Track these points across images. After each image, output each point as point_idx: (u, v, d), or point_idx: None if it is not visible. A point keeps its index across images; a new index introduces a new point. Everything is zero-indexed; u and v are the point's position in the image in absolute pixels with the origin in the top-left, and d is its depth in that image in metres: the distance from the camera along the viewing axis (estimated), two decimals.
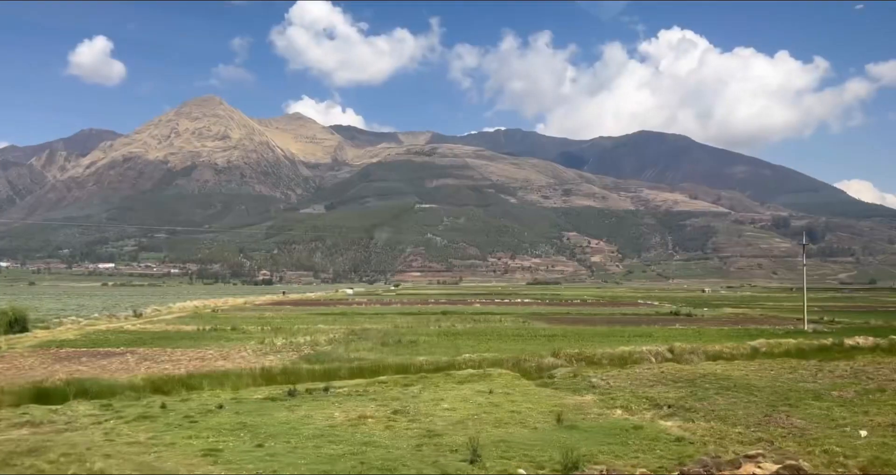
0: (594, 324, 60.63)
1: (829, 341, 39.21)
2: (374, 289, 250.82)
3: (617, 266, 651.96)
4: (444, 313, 74.85)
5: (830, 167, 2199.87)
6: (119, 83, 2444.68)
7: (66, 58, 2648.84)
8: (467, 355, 33.45)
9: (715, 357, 35.14)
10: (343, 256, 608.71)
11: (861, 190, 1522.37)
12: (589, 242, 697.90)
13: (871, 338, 39.85)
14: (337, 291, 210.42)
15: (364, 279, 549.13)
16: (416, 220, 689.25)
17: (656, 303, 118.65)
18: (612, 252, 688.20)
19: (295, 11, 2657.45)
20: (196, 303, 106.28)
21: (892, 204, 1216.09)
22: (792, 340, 39.68)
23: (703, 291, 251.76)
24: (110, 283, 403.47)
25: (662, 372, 29.65)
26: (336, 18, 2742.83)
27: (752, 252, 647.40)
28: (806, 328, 49.21)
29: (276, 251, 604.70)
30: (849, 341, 39.09)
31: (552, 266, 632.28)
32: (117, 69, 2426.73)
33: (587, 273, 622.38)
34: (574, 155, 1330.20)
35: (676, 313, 73.00)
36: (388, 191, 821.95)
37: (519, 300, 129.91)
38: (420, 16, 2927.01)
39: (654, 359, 34.01)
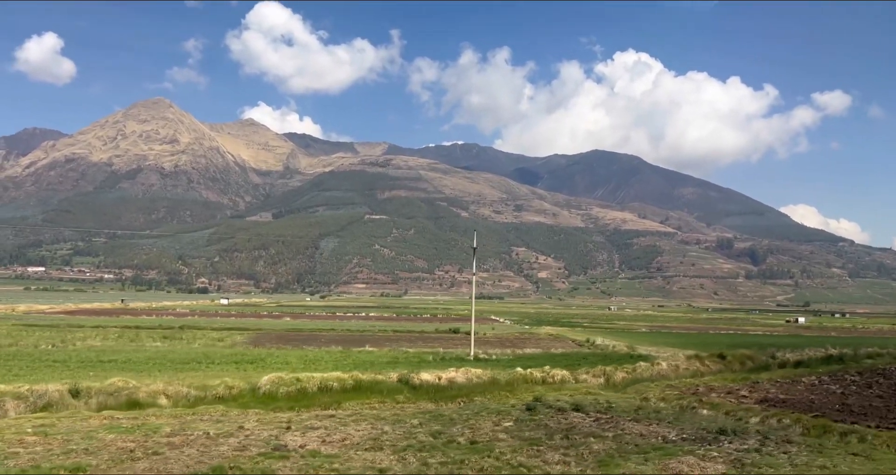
0: (321, 345, 50.19)
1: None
2: (274, 301, 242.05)
3: (563, 282, 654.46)
4: (181, 327, 65.93)
5: (777, 191, 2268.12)
6: (68, 82, 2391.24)
7: (13, 54, 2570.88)
8: None
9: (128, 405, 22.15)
10: (286, 266, 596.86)
11: (806, 215, 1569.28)
12: (537, 258, 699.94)
13: (535, 371, 30.78)
14: (213, 301, 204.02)
15: (307, 290, 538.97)
16: (364, 231, 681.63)
17: (502, 319, 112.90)
18: (560, 268, 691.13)
19: (252, 16, 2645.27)
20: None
21: (834, 230, 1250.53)
22: (392, 374, 28.83)
23: (609, 309, 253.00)
24: (32, 287, 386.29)
25: None
26: (295, 25, 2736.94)
27: (695, 272, 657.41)
28: (471, 355, 40.47)
29: (217, 259, 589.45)
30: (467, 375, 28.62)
31: (499, 281, 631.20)
32: (67, 67, 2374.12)
33: (533, 289, 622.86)
34: (529, 171, 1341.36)
35: (455, 331, 66.90)
36: (338, 201, 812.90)
37: (363, 314, 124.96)
38: (381, 27, 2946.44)
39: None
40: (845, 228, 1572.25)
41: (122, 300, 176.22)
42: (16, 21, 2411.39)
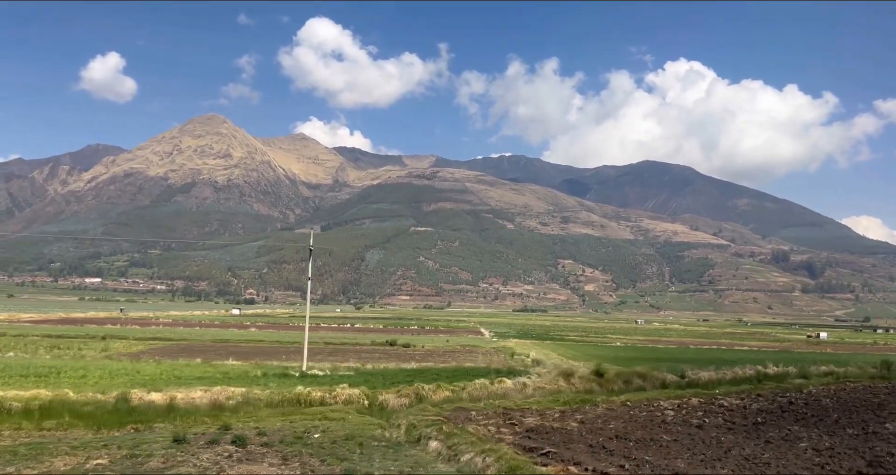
0: (214, 358, 47.71)
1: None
2: (295, 313, 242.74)
3: (610, 296, 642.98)
4: (103, 337, 65.93)
5: (837, 202, 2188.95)
6: (130, 100, 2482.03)
7: (78, 73, 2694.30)
8: None
9: None
10: (332, 278, 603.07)
11: (870, 226, 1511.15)
12: (584, 271, 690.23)
13: (319, 391, 28.50)
14: (226, 312, 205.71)
15: (352, 301, 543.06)
16: (409, 243, 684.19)
17: (486, 332, 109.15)
18: (607, 281, 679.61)
19: (303, 33, 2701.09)
20: None
21: None
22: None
23: (637, 323, 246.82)
24: (87, 298, 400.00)
25: None
26: (345, 40, 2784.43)
27: (748, 285, 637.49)
28: (304, 368, 38.16)
29: (265, 270, 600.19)
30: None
31: (544, 293, 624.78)
32: (128, 86, 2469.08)
33: (579, 302, 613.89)
34: (577, 183, 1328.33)
35: (392, 344, 64.33)
36: (385, 213, 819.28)
37: (348, 325, 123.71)
38: (429, 41, 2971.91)
39: None
40: None
41: (121, 310, 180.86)
42: (81, 42, 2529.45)
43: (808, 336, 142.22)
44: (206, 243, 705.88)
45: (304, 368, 38.93)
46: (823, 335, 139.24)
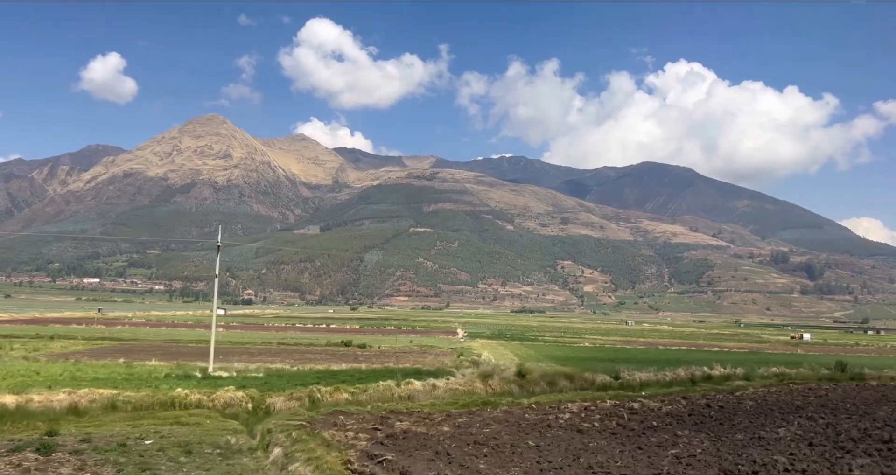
0: (145, 358, 47.11)
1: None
2: (281, 313, 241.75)
3: (609, 297, 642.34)
4: (52, 337, 66.07)
5: (837, 204, 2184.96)
6: (130, 100, 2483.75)
7: (78, 73, 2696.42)
8: None
9: None
10: (331, 278, 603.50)
11: (871, 228, 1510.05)
12: (583, 272, 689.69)
13: (232, 392, 27.69)
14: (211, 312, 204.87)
15: (350, 302, 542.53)
16: (408, 243, 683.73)
17: (461, 332, 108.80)
18: (606, 282, 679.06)
19: (304, 33, 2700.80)
20: None
21: None
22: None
23: (627, 323, 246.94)
24: (83, 298, 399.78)
25: None
26: (345, 41, 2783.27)
27: (747, 287, 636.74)
28: (210, 370, 37.36)
29: (264, 271, 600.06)
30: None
31: (543, 294, 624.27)
32: (129, 86, 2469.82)
33: (578, 303, 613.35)
34: (577, 184, 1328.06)
35: (347, 344, 63.75)
36: (384, 214, 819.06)
37: (324, 325, 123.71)
38: (429, 42, 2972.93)
39: None
40: None
41: (99, 310, 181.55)
42: (81, 42, 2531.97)
43: (792, 337, 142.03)
44: (205, 243, 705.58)
45: (210, 370, 38.19)
46: (807, 336, 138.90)
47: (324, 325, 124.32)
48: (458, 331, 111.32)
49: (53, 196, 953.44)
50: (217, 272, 45.79)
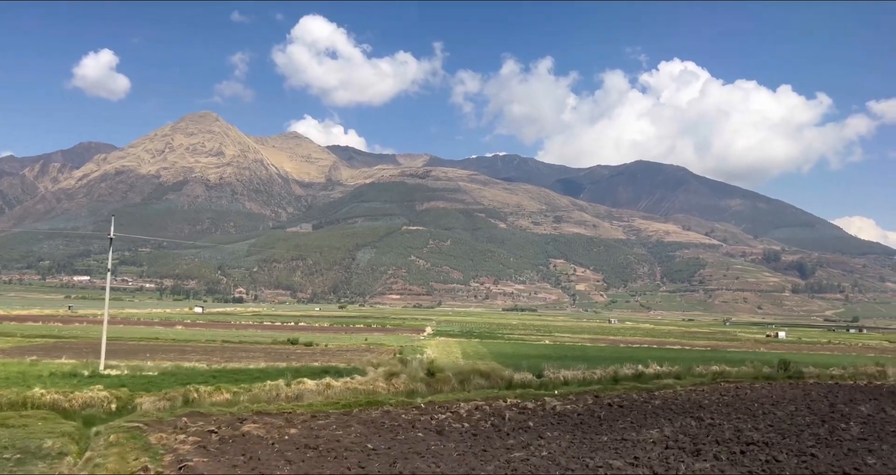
0: (60, 356, 46.35)
1: None
2: (261, 311, 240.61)
3: (601, 295, 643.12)
4: None
5: (829, 203, 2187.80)
6: (123, 98, 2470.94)
7: (71, 70, 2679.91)
8: None
9: None
10: (323, 276, 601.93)
11: (863, 227, 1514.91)
12: (575, 270, 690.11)
13: (97, 391, 26.62)
14: (190, 309, 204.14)
15: (342, 300, 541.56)
16: (401, 242, 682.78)
17: (429, 329, 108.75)
18: (598, 281, 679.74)
19: (297, 30, 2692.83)
20: None
21: (894, 242, 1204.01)
22: None
23: (610, 322, 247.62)
24: (72, 296, 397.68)
25: None
26: (339, 39, 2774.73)
27: (738, 285, 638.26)
28: (101, 368, 36.20)
29: (255, 269, 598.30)
30: None
31: (535, 293, 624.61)
32: (121, 83, 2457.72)
33: (570, 301, 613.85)
34: (571, 182, 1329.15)
35: (294, 342, 63.28)
36: (377, 212, 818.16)
37: (292, 323, 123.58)
38: (423, 40, 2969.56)
39: None
40: None
41: (70, 307, 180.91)
42: (74, 39, 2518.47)
43: (767, 335, 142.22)
44: (197, 242, 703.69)
45: (101, 368, 37.11)
46: (782, 334, 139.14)
47: (292, 323, 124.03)
48: (427, 329, 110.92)
49: (45, 193, 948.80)
50: (110, 266, 44.82)
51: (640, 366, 35.55)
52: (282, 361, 45.07)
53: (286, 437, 18.29)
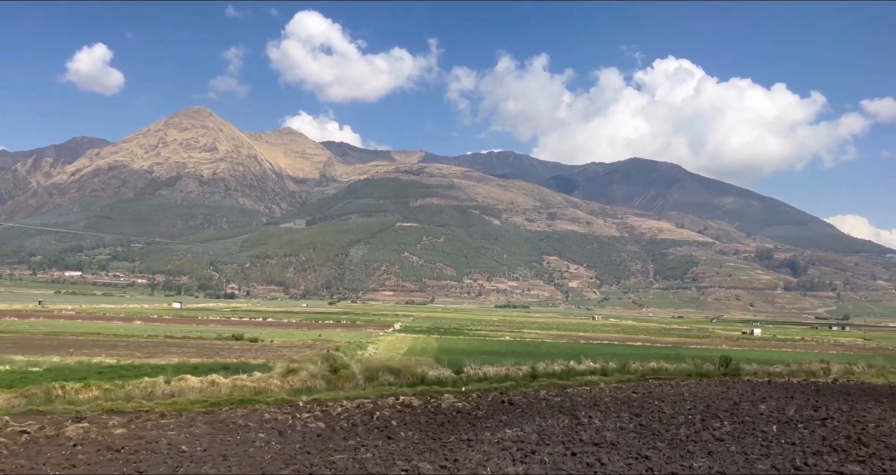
0: None
1: None
2: (240, 307, 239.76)
3: (594, 292, 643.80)
4: None
5: (822, 201, 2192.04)
6: (117, 92, 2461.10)
7: (64, 64, 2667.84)
8: None
9: None
10: (316, 273, 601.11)
11: (857, 225, 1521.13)
12: (568, 267, 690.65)
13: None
14: (168, 305, 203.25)
15: (335, 296, 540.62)
16: (394, 238, 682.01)
17: (398, 325, 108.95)
18: (591, 278, 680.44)
19: (292, 26, 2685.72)
20: None
21: (886, 241, 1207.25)
22: None
23: (594, 319, 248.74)
24: (62, 291, 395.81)
25: None
26: (334, 34, 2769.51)
27: (731, 283, 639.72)
28: None
29: (248, 265, 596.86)
30: None
31: (528, 289, 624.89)
32: (115, 78, 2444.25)
33: (563, 298, 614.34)
34: (566, 179, 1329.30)
35: (238, 338, 62.59)
36: (371, 208, 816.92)
37: (259, 319, 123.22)
38: (419, 36, 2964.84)
39: None
40: None
41: (40, 302, 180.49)
42: (67, 33, 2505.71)
43: (743, 332, 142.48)
44: (190, 237, 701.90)
45: None
46: (757, 331, 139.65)
47: (261, 319, 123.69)
48: (396, 325, 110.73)
49: (37, 188, 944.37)
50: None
51: (571, 362, 35.24)
52: (208, 357, 44.23)
53: (101, 438, 17.70)
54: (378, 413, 21.12)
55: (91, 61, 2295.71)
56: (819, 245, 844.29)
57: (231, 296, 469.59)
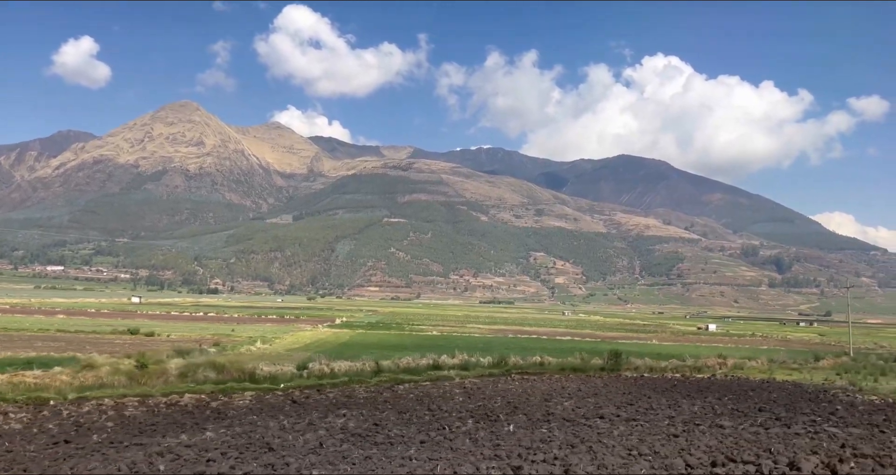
0: None
1: None
2: (200, 301, 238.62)
3: (580, 288, 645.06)
4: None
5: (810, 199, 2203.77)
6: (104, 86, 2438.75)
7: (50, 57, 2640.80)
8: None
9: None
10: (301, 268, 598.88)
11: (843, 223, 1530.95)
12: (555, 263, 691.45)
13: None
14: (128, 300, 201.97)
15: (321, 292, 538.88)
16: (381, 234, 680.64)
17: (343, 318, 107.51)
18: (577, 274, 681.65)
19: (280, 20, 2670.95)
20: None
21: (871, 238, 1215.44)
22: None
23: (564, 314, 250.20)
24: (43, 286, 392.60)
25: None
26: (322, 29, 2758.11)
27: (716, 279, 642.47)
28: None
29: (233, 260, 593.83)
30: None
31: (514, 286, 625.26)
32: (102, 71, 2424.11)
33: (549, 294, 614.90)
34: (555, 176, 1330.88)
35: (134, 332, 61.87)
36: (358, 204, 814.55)
37: (201, 314, 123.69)
38: (408, 31, 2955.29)
39: None
40: (883, 237, 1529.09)
41: None
42: (53, 25, 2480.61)
43: (698, 328, 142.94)
44: (175, 232, 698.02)
45: None
46: (712, 327, 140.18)
47: (201, 313, 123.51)
48: (337, 320, 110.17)
49: (20, 182, 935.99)
50: None
51: (443, 356, 34.79)
52: (55, 352, 43.34)
53: None
54: (112, 413, 20.19)
55: (77, 54, 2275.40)
56: (805, 242, 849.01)
57: (214, 292, 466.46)
